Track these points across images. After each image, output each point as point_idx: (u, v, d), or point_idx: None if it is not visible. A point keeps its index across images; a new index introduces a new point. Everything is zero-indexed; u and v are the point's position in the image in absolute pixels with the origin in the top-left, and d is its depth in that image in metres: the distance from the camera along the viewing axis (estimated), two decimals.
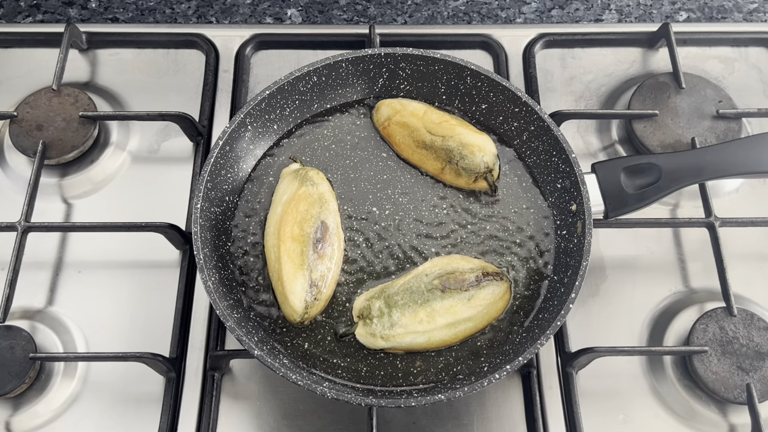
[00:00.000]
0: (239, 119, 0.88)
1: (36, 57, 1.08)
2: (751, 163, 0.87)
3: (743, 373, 0.84)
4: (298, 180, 0.87)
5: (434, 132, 0.90)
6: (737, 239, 0.96)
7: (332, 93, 0.96)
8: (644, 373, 0.89)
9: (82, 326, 0.90)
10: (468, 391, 0.74)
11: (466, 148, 0.89)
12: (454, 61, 0.92)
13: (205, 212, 0.85)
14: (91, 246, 0.95)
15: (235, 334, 0.76)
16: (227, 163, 0.89)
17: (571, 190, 0.87)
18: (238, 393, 0.87)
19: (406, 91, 0.97)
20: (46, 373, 0.87)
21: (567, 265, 0.84)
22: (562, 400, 0.86)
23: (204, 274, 0.79)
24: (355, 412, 0.85)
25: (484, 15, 1.16)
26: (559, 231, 0.88)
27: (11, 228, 0.90)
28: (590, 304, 0.92)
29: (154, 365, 0.85)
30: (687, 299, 0.93)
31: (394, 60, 0.94)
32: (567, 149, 0.87)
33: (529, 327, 0.84)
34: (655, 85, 1.02)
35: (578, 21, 1.17)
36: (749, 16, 1.17)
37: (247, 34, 1.09)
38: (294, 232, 0.83)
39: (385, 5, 1.16)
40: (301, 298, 0.81)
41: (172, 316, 0.89)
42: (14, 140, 0.97)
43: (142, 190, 0.99)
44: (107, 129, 1.02)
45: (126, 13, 1.16)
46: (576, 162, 0.86)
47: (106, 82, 1.07)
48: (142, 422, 0.85)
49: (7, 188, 0.99)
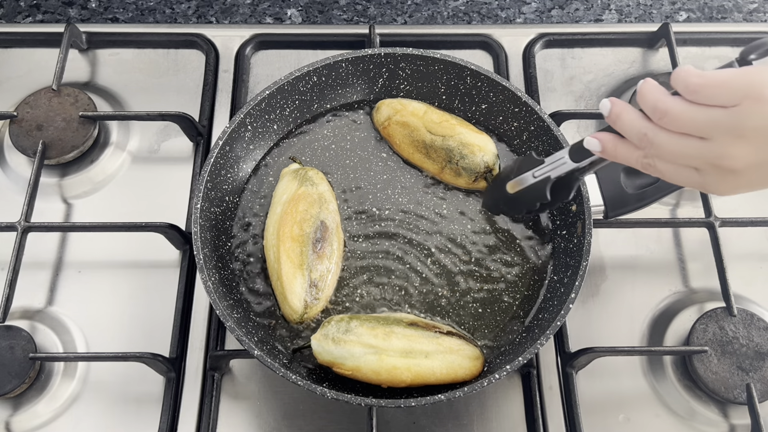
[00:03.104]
0: (239, 119, 0.88)
1: (36, 57, 1.08)
2: None
3: (743, 373, 0.84)
4: (297, 180, 0.87)
5: (434, 132, 0.90)
6: (737, 239, 0.96)
7: (332, 93, 0.96)
8: (644, 373, 0.89)
9: (82, 326, 0.90)
10: (468, 391, 0.74)
11: (467, 147, 0.89)
12: (454, 61, 0.92)
13: (205, 212, 0.85)
14: (91, 246, 0.95)
15: (235, 334, 0.76)
16: (227, 163, 0.89)
17: None
18: (238, 393, 0.87)
19: (406, 91, 0.97)
20: (46, 373, 0.87)
21: (567, 265, 0.84)
22: (562, 400, 0.86)
23: (204, 274, 0.79)
24: (355, 412, 0.85)
25: (484, 15, 1.16)
26: (559, 231, 0.88)
27: (11, 228, 0.90)
28: (590, 304, 0.92)
29: (154, 365, 0.85)
30: (687, 299, 0.93)
31: (394, 60, 0.94)
32: None
33: (529, 327, 0.84)
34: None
35: (578, 21, 1.17)
36: (749, 16, 1.17)
37: (247, 34, 1.09)
38: (293, 232, 0.83)
39: (385, 5, 1.16)
40: (300, 298, 0.81)
41: (172, 316, 0.89)
42: (14, 140, 0.97)
43: (142, 190, 0.99)
44: (107, 129, 1.02)
45: (126, 13, 1.16)
46: None
47: (106, 82, 1.07)
48: (142, 422, 0.85)
49: (7, 188, 0.99)
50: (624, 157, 0.66)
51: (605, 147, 0.67)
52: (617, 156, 0.66)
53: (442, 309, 0.85)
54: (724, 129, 0.58)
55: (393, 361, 0.76)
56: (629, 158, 0.65)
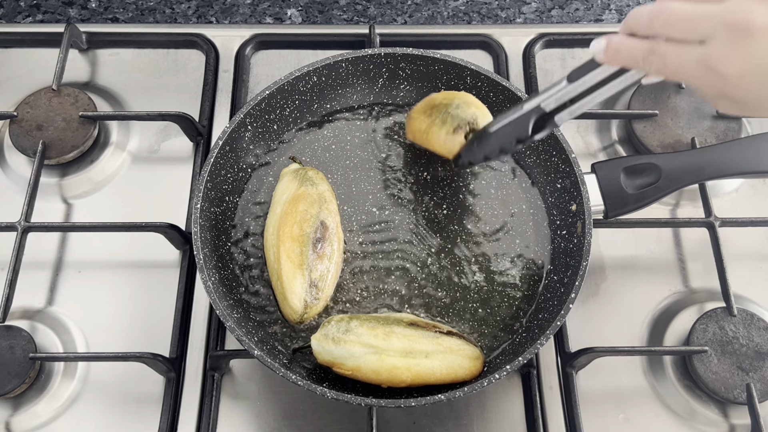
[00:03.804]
0: (239, 119, 0.88)
1: (36, 57, 1.08)
2: (751, 163, 0.87)
3: (743, 373, 0.84)
4: (297, 180, 0.87)
5: (447, 96, 0.88)
6: (737, 239, 0.96)
7: (332, 93, 0.96)
8: (644, 373, 0.89)
9: (82, 326, 0.90)
10: (468, 391, 0.74)
11: (466, 104, 0.86)
12: (454, 61, 0.92)
13: (205, 212, 0.85)
14: (91, 246, 0.95)
15: (235, 334, 0.76)
16: (227, 163, 0.89)
17: (571, 190, 0.87)
18: (238, 393, 0.87)
19: (406, 91, 0.97)
20: (46, 373, 0.87)
21: (567, 265, 0.84)
22: (562, 400, 0.86)
23: (204, 274, 0.79)
24: (355, 412, 0.85)
25: (484, 15, 1.16)
26: (559, 231, 0.88)
27: (11, 228, 0.90)
28: (590, 304, 0.92)
29: (154, 365, 0.85)
30: (687, 299, 0.93)
31: (394, 60, 0.94)
32: (567, 149, 0.87)
33: (529, 327, 0.84)
34: (655, 85, 1.02)
35: (578, 21, 1.17)
36: None
37: (247, 34, 1.09)
38: (293, 232, 0.83)
39: (385, 5, 1.16)
40: (300, 298, 0.81)
41: (172, 316, 0.89)
42: (14, 140, 0.97)
43: (142, 190, 0.99)
44: (107, 129, 1.02)
45: (126, 13, 1.16)
46: (576, 162, 0.86)
47: (106, 82, 1.07)
48: (142, 422, 0.85)
49: (7, 188, 0.99)
50: (628, 52, 0.61)
51: (610, 44, 0.62)
52: (621, 53, 0.62)
53: (442, 309, 0.85)
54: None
55: (393, 361, 0.76)
56: (634, 52, 0.61)
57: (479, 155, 0.82)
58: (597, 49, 0.64)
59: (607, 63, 0.65)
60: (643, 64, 0.61)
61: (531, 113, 0.73)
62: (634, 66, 0.62)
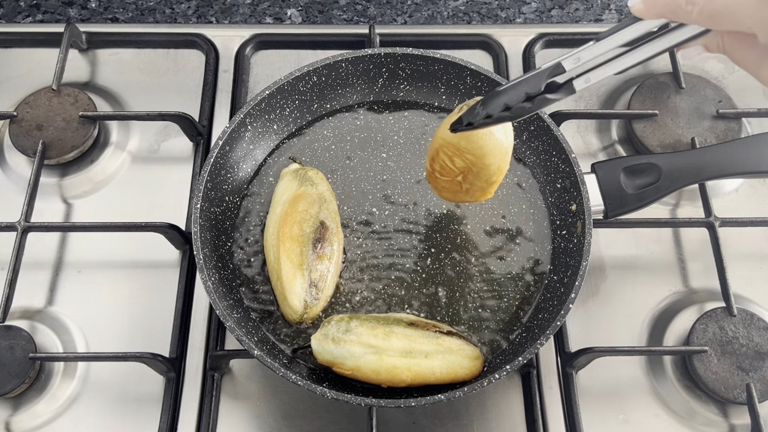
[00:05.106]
0: (239, 119, 0.88)
1: (36, 57, 1.08)
2: (751, 163, 0.87)
3: (743, 373, 0.84)
4: (297, 180, 0.87)
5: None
6: (737, 239, 0.96)
7: (332, 93, 0.96)
8: (644, 373, 0.89)
9: (82, 326, 0.90)
10: (468, 391, 0.74)
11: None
12: (454, 61, 0.92)
13: (205, 212, 0.85)
14: (91, 246, 0.95)
15: (235, 334, 0.76)
16: (227, 163, 0.89)
17: (571, 190, 0.87)
18: (238, 393, 0.87)
19: (405, 91, 0.97)
20: (46, 373, 0.87)
21: (567, 265, 0.84)
22: (562, 400, 0.86)
23: (204, 274, 0.79)
24: (355, 412, 0.85)
25: (484, 15, 1.16)
26: (559, 231, 0.88)
27: (11, 228, 0.90)
28: (590, 304, 0.92)
29: (154, 365, 0.85)
30: (687, 299, 0.93)
31: (394, 60, 0.94)
32: (567, 149, 0.87)
33: (528, 327, 0.84)
34: (655, 85, 1.02)
35: (578, 21, 1.17)
36: None
37: (247, 34, 1.09)
38: (293, 232, 0.83)
39: (385, 5, 1.16)
40: (300, 298, 0.81)
41: (172, 316, 0.89)
42: (14, 140, 0.97)
43: (142, 190, 0.99)
44: (107, 129, 1.02)
45: (126, 13, 1.16)
46: (576, 162, 0.86)
47: (106, 82, 1.07)
48: (142, 422, 0.85)
49: (7, 188, 0.99)
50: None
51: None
52: (659, 1, 0.58)
53: (442, 309, 0.85)
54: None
55: (393, 361, 0.76)
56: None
57: (480, 114, 0.70)
58: (635, 1, 0.60)
59: (645, 15, 0.61)
60: (685, 6, 0.56)
61: (547, 70, 0.68)
62: (674, 15, 0.58)
